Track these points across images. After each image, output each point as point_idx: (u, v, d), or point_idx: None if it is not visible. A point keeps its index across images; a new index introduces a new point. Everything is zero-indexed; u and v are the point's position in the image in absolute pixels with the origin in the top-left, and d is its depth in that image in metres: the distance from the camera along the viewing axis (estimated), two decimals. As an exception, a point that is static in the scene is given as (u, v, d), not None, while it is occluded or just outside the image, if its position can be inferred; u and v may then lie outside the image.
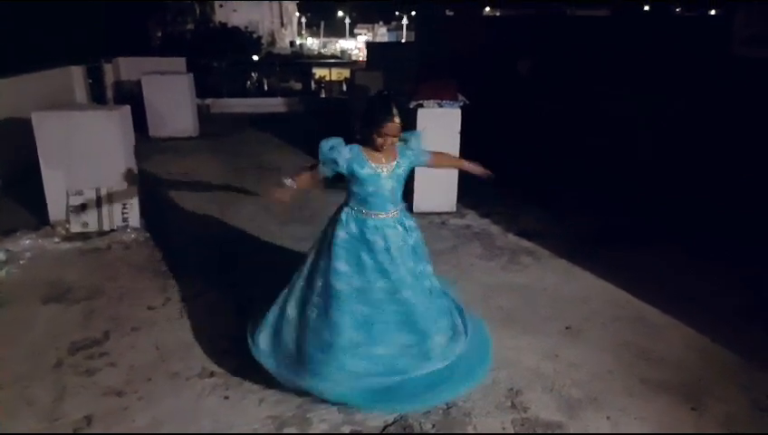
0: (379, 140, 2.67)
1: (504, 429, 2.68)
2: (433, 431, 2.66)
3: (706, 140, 6.12)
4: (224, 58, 16.13)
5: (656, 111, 6.75)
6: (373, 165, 2.73)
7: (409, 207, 3.07)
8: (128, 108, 5.41)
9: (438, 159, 3.14)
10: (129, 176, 5.21)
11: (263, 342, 2.88)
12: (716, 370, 3.16)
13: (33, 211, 5.28)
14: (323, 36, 61.48)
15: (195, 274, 4.22)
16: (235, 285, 4.01)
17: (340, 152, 2.71)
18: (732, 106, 5.87)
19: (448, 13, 12.91)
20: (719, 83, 5.99)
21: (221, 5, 43.86)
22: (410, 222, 2.90)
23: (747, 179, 5.62)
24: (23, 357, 3.18)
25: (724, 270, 4.43)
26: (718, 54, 6.10)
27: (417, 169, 5.16)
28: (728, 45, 6.02)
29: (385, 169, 2.74)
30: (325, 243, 2.82)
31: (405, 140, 2.87)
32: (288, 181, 2.81)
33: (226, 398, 2.86)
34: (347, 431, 2.65)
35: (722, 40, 6.06)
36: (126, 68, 10.74)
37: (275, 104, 12.35)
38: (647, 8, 12.25)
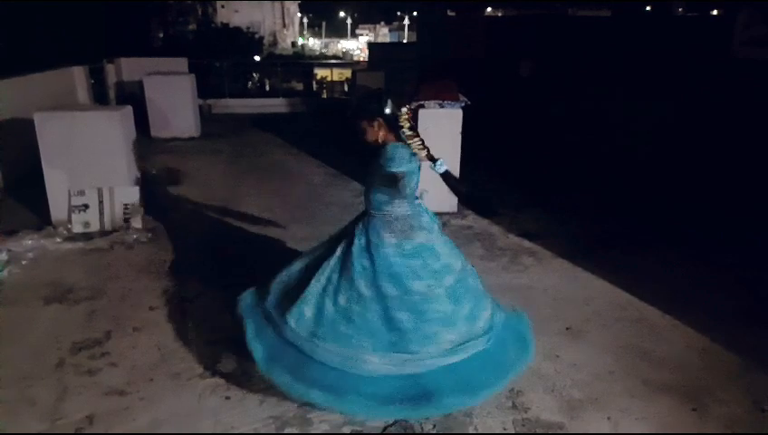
0: None
1: (504, 429, 2.69)
2: (434, 432, 2.66)
3: (707, 141, 6.12)
4: (225, 58, 16.13)
5: (656, 112, 6.75)
6: None
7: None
8: (130, 108, 5.43)
9: None
10: (130, 176, 5.22)
11: None
12: (717, 371, 3.16)
13: (36, 211, 5.30)
14: (325, 37, 61.59)
15: (196, 274, 4.23)
16: (237, 286, 3.99)
17: None
18: (732, 108, 5.87)
19: (450, 13, 12.91)
20: (720, 85, 5.99)
21: (223, 6, 43.97)
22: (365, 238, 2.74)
23: (747, 181, 5.62)
24: (25, 357, 3.19)
25: (724, 272, 4.42)
26: (719, 55, 6.10)
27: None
28: (729, 46, 6.02)
29: None
30: None
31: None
32: None
33: (227, 398, 2.86)
34: (347, 431, 2.66)
35: (723, 41, 6.06)
36: (128, 68, 10.76)
37: (277, 105, 12.36)
38: (648, 8, 12.22)
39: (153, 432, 2.64)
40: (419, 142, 2.70)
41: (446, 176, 2.69)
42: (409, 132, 2.70)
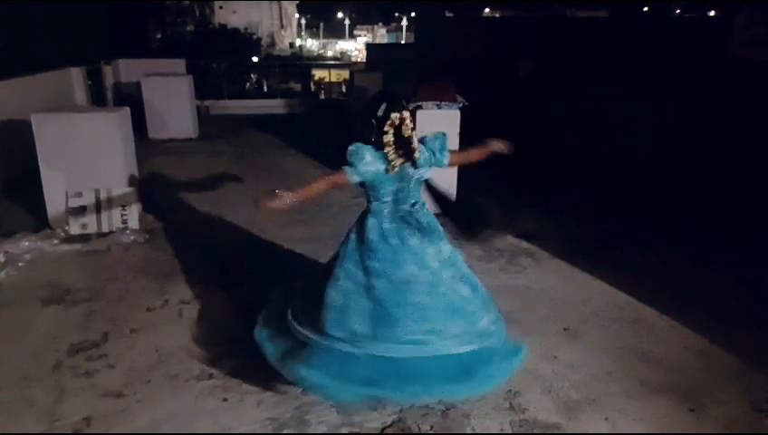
0: None
1: (502, 430, 2.69)
2: (431, 432, 2.66)
3: (706, 141, 6.13)
4: (223, 59, 16.13)
5: (655, 112, 6.75)
6: None
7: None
8: (127, 109, 5.42)
9: None
10: (128, 177, 5.21)
11: None
12: (715, 371, 3.16)
13: (33, 213, 5.29)
14: (323, 37, 61.55)
15: (193, 275, 4.22)
16: (234, 287, 4.01)
17: None
18: (730, 108, 5.87)
19: (448, 14, 12.92)
20: (718, 85, 6.00)
21: (221, 7, 43.97)
22: None
23: (746, 181, 5.62)
24: (22, 358, 3.19)
25: (723, 272, 4.43)
26: (717, 56, 6.11)
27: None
28: (727, 47, 6.03)
29: None
30: None
31: None
32: None
33: (225, 400, 2.86)
34: (345, 432, 2.66)
35: (721, 41, 6.07)
36: (125, 70, 10.74)
37: (275, 105, 12.35)
38: (646, 9, 12.26)
39: (153, 432, 2.64)
40: (392, 151, 2.67)
41: (428, 185, 2.89)
42: (388, 138, 2.65)
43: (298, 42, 56.10)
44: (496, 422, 2.73)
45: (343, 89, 17.42)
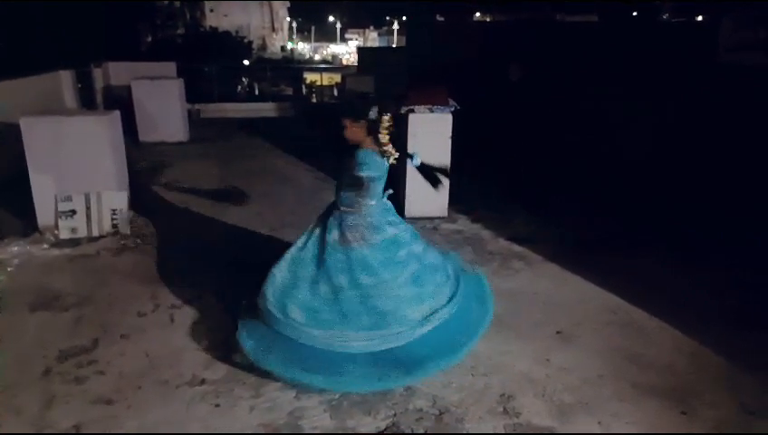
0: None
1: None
2: (425, 437, 2.65)
3: (695, 144, 6.17)
4: (214, 63, 16.07)
5: (644, 116, 6.79)
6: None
7: (401, 212, 3.24)
8: (117, 113, 5.39)
9: None
10: (118, 181, 5.18)
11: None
12: (706, 374, 3.18)
13: (22, 217, 5.22)
14: (314, 41, 61.53)
15: (184, 280, 4.19)
16: (226, 292, 3.98)
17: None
18: (718, 112, 5.92)
19: (439, 18, 12.97)
20: (706, 89, 6.04)
21: (211, 10, 43.91)
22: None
23: (735, 184, 5.66)
24: (10, 365, 3.15)
25: (713, 274, 4.45)
26: (705, 61, 6.15)
27: (408, 174, 5.17)
28: (715, 52, 6.07)
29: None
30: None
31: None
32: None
33: (217, 405, 2.84)
34: (339, 437, 2.65)
35: (708, 46, 6.11)
36: (116, 73, 10.67)
37: (266, 109, 12.33)
38: (635, 14, 12.37)
39: (150, 432, 2.63)
40: (392, 148, 3.00)
41: (422, 167, 3.13)
42: (385, 139, 2.97)
43: (289, 45, 56.04)
44: (490, 426, 2.73)
45: (335, 92, 17.43)
